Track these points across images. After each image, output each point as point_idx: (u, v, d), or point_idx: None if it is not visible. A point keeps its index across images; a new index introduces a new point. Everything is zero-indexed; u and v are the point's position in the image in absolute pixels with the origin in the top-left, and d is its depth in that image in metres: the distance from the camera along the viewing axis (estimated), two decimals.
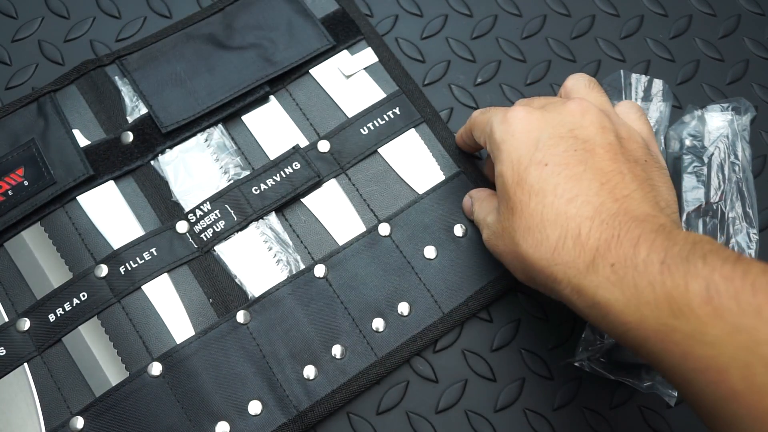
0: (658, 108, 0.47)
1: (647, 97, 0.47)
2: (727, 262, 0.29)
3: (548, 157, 0.36)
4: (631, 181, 0.35)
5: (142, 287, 0.43)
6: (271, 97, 0.49)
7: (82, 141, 0.47)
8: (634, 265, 0.31)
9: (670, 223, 0.34)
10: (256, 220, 0.45)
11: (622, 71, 0.47)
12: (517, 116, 0.38)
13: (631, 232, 0.33)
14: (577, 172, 0.35)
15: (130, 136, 0.47)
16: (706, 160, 0.45)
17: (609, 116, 0.38)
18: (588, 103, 0.38)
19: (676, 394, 0.41)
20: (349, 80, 0.49)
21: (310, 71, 0.49)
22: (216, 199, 0.45)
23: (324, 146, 0.47)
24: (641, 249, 0.32)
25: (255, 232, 0.45)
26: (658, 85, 0.47)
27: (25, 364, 0.42)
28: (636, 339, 0.32)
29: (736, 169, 0.45)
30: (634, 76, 0.47)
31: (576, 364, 0.42)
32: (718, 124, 0.46)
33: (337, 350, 0.42)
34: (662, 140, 0.46)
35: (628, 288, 0.31)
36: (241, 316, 0.43)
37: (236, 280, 0.44)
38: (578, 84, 0.41)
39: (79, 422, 0.40)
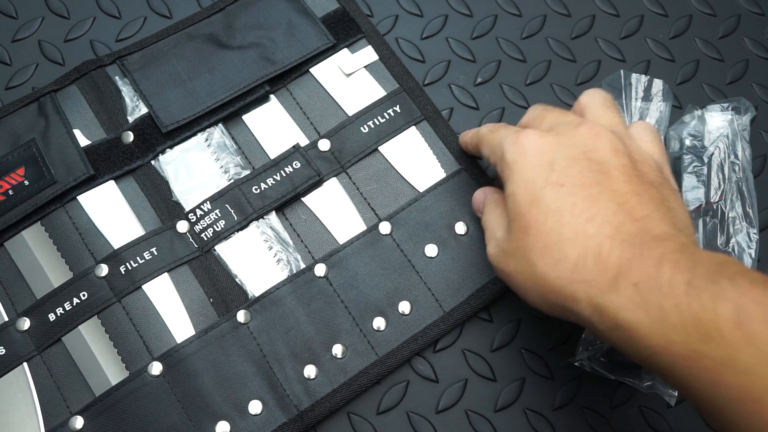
0: (658, 108, 0.47)
1: (647, 96, 0.47)
2: (756, 284, 0.29)
3: (564, 178, 0.35)
4: (648, 202, 0.34)
5: (143, 287, 0.43)
6: (272, 96, 0.49)
7: (83, 141, 0.47)
8: (658, 285, 0.30)
9: (692, 243, 0.33)
10: (257, 219, 0.45)
11: (622, 71, 0.47)
12: (529, 138, 0.37)
13: (653, 251, 0.32)
14: (594, 192, 0.35)
15: (130, 136, 0.47)
16: (706, 159, 0.45)
17: (622, 139, 0.37)
18: (600, 126, 0.37)
19: (676, 394, 0.41)
20: (350, 79, 0.49)
21: (311, 70, 0.49)
22: (216, 199, 0.45)
23: (324, 145, 0.47)
24: (665, 268, 0.31)
25: (255, 231, 0.45)
26: (658, 85, 0.47)
27: (25, 364, 0.42)
28: (662, 364, 0.30)
29: (736, 168, 0.45)
30: (634, 76, 0.47)
31: (576, 363, 0.42)
32: (718, 124, 0.46)
33: (337, 349, 0.42)
34: (662, 140, 0.46)
35: (653, 310, 0.30)
36: (241, 316, 0.43)
37: (237, 280, 0.44)
38: (593, 102, 0.40)
39: (79, 422, 0.40)
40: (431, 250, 0.45)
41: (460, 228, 0.45)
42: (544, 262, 0.34)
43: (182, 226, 0.45)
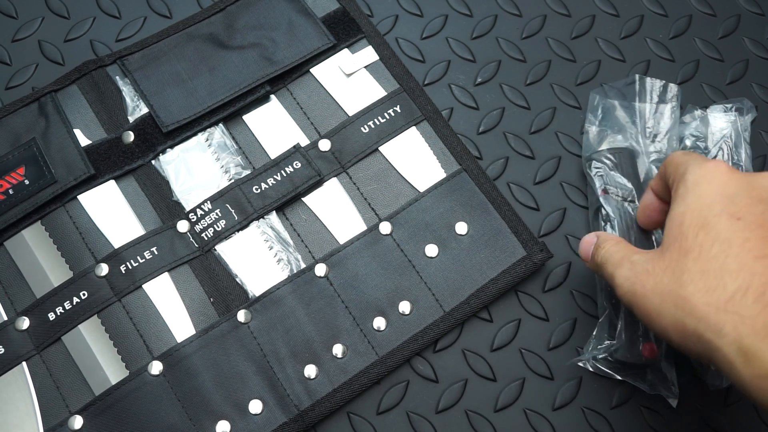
0: (672, 112, 0.47)
1: (663, 100, 0.47)
2: None
3: (743, 213, 0.34)
4: None
5: (143, 286, 0.43)
6: (272, 96, 0.49)
7: (83, 140, 0.47)
8: None
9: None
10: (257, 219, 0.45)
11: (637, 76, 0.47)
12: (719, 167, 0.36)
13: None
14: None
15: (131, 136, 0.47)
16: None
17: None
18: None
19: (677, 393, 0.41)
20: (350, 79, 0.49)
21: (311, 70, 0.50)
22: (217, 199, 0.45)
23: (325, 145, 0.47)
24: None
25: (256, 231, 0.45)
26: (673, 89, 0.47)
27: (24, 363, 0.42)
28: None
29: (740, 169, 0.45)
30: (648, 80, 0.47)
31: (580, 364, 0.42)
32: (721, 125, 0.46)
33: (338, 349, 0.42)
34: (674, 143, 0.46)
35: None
36: (241, 316, 0.43)
37: (237, 280, 0.44)
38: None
39: (78, 421, 0.40)
40: (431, 250, 0.45)
41: (461, 228, 0.45)
42: (696, 286, 0.33)
43: (183, 226, 0.45)
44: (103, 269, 0.43)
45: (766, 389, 0.30)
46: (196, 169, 0.46)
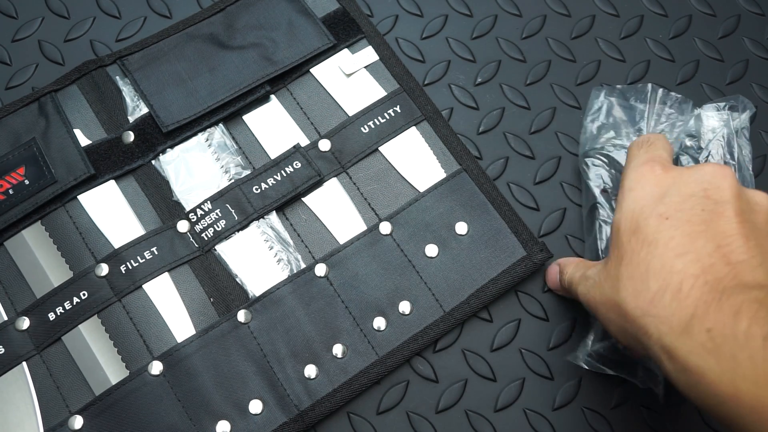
0: (669, 116, 0.47)
1: (663, 102, 0.47)
2: None
3: (671, 212, 0.35)
4: (753, 248, 0.33)
5: (143, 286, 0.43)
6: (272, 96, 0.49)
7: (83, 140, 0.47)
8: (733, 334, 0.30)
9: None
10: (257, 219, 0.45)
11: (649, 85, 0.47)
12: (653, 169, 0.38)
13: (733, 298, 0.31)
14: (697, 230, 0.34)
15: (131, 136, 0.47)
16: (702, 160, 0.45)
17: (745, 188, 0.37)
18: (728, 168, 0.37)
19: (662, 389, 0.41)
20: (350, 79, 0.49)
21: (311, 70, 0.50)
22: (217, 199, 0.45)
23: (325, 145, 0.47)
24: (742, 319, 0.30)
25: (256, 231, 0.45)
26: (674, 97, 0.47)
27: (24, 363, 0.42)
28: (729, 413, 0.30)
29: (734, 169, 0.45)
30: (661, 90, 0.47)
31: (577, 362, 0.42)
32: (714, 124, 0.46)
33: (338, 349, 0.42)
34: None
35: (725, 359, 0.30)
36: (241, 316, 0.43)
37: (237, 280, 0.44)
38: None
39: (78, 421, 0.40)
40: (431, 250, 0.45)
41: (460, 228, 0.45)
42: (627, 291, 0.34)
43: (183, 226, 0.45)
44: (103, 269, 0.43)
45: (690, 383, 0.31)
46: (196, 169, 0.46)
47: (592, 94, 0.49)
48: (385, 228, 0.45)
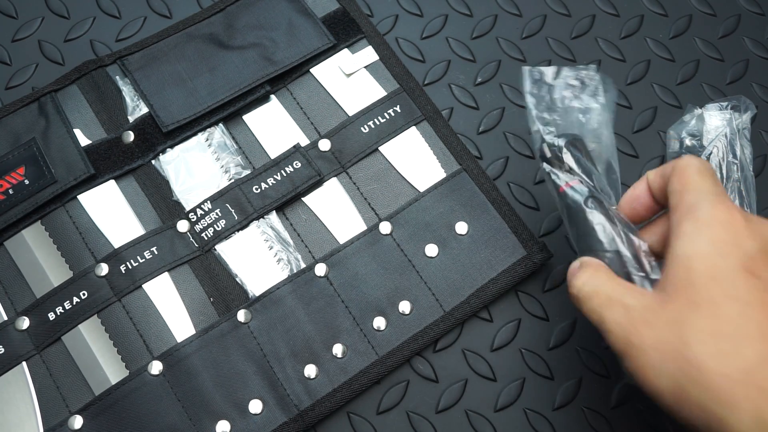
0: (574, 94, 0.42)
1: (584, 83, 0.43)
2: None
3: (762, 271, 0.31)
4: None
5: (143, 286, 0.43)
6: (272, 96, 0.49)
7: (83, 140, 0.47)
8: None
9: None
10: (257, 219, 0.45)
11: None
12: (734, 214, 0.32)
13: None
14: None
15: (131, 136, 0.47)
16: (703, 158, 0.45)
17: None
18: None
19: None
20: (350, 79, 0.49)
21: (311, 70, 0.50)
22: (217, 199, 0.45)
23: (325, 145, 0.47)
24: None
25: (256, 231, 0.45)
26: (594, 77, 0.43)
27: (24, 363, 0.42)
28: None
29: (735, 168, 0.45)
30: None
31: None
32: (716, 123, 0.46)
33: (338, 349, 0.42)
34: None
35: None
36: (241, 315, 0.43)
37: (237, 279, 0.44)
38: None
39: (78, 421, 0.40)
40: (431, 250, 0.45)
41: (461, 228, 0.45)
42: (706, 350, 0.30)
43: (183, 226, 0.45)
44: (103, 269, 0.43)
45: None
46: (196, 169, 0.46)
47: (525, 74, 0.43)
48: (385, 228, 0.45)
